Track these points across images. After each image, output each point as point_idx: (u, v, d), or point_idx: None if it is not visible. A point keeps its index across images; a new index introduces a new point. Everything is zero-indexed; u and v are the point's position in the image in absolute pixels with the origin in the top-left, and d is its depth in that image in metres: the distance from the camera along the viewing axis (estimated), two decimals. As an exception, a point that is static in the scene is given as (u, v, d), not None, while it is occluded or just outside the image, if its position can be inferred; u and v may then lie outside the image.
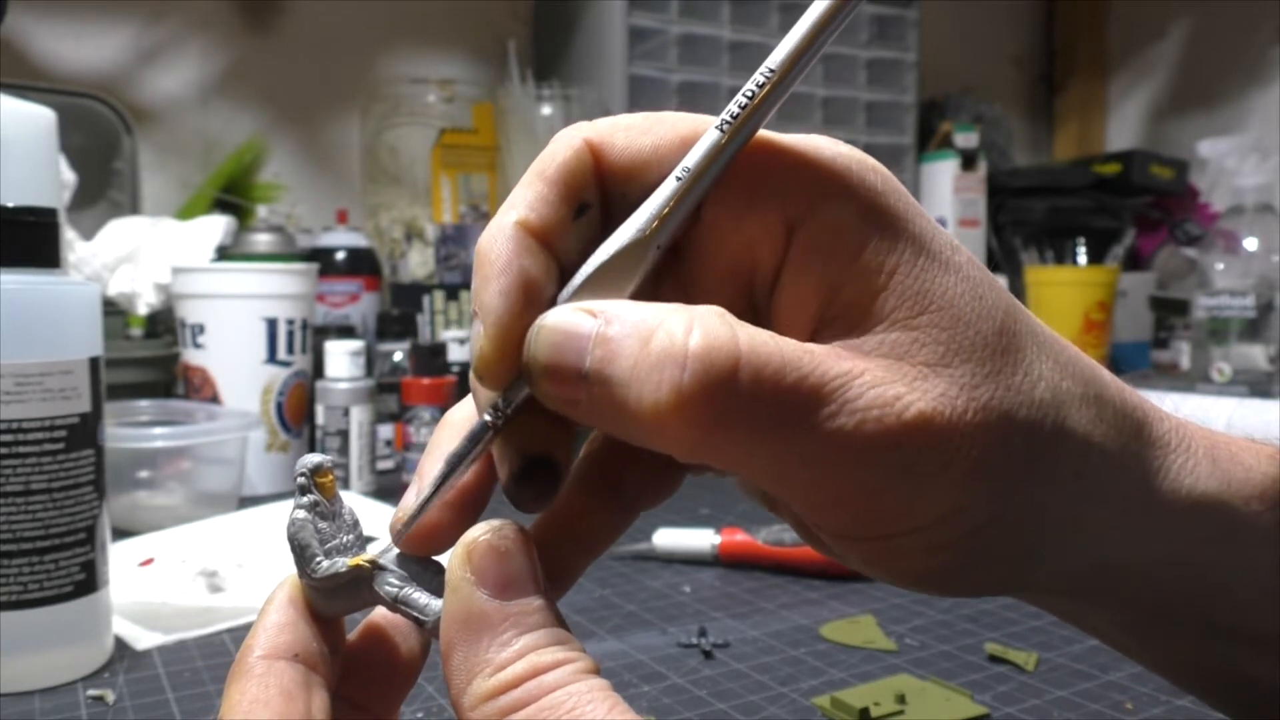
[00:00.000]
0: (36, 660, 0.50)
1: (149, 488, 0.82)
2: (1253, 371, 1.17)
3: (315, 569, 0.23)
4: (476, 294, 0.22)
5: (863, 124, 1.57)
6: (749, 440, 0.20)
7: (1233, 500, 0.25)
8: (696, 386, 0.19)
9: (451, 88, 1.35)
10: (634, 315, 0.20)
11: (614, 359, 0.20)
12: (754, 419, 0.20)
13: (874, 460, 0.21)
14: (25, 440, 0.49)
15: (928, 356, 0.21)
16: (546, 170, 0.22)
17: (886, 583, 0.26)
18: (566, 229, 0.22)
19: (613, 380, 0.20)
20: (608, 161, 0.23)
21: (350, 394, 0.92)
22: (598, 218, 0.23)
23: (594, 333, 0.20)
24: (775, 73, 0.21)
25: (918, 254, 0.22)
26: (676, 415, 0.20)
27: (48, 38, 1.32)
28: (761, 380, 0.20)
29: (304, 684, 0.22)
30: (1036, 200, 1.65)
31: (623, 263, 0.22)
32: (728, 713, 0.48)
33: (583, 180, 0.22)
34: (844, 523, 0.22)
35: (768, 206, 0.22)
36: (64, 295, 0.51)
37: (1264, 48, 1.83)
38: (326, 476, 0.24)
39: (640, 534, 0.76)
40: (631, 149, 0.23)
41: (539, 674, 0.20)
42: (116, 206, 1.29)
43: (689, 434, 0.20)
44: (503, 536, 0.21)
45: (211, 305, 0.93)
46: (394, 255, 1.31)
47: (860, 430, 0.20)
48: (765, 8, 1.46)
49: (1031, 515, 0.23)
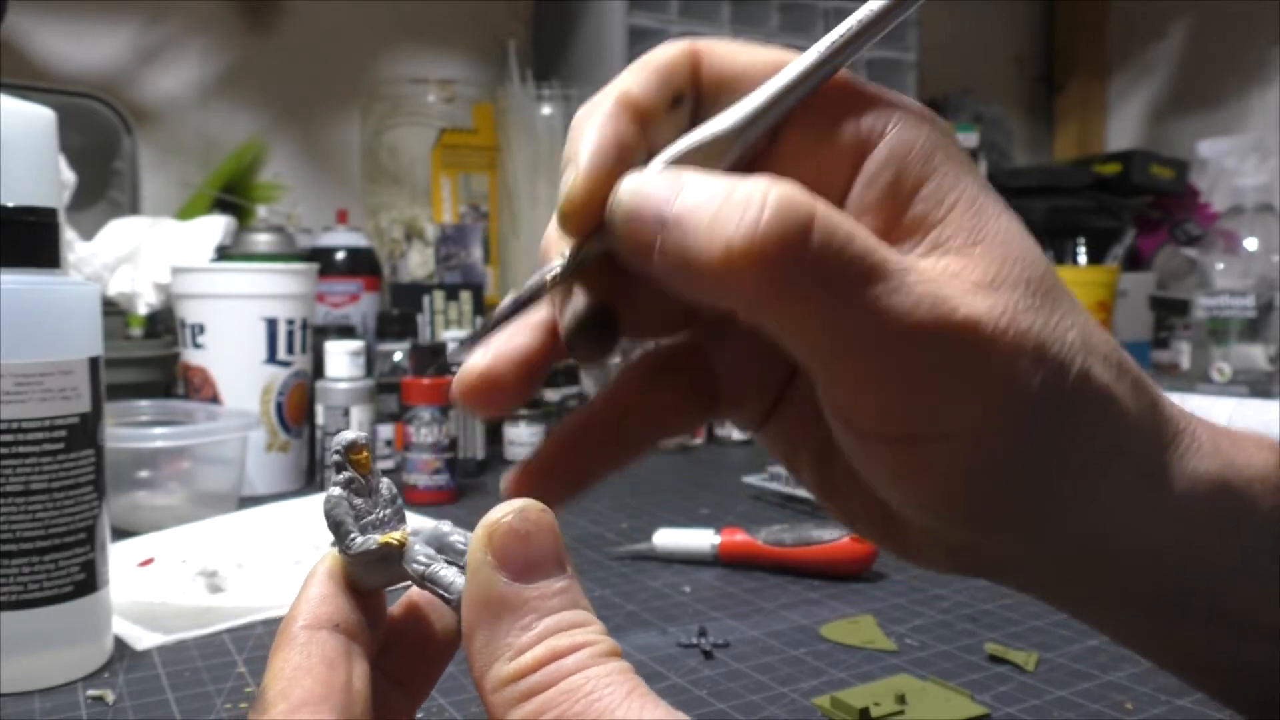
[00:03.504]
0: (36, 660, 0.50)
1: (149, 488, 0.82)
2: (1253, 371, 1.17)
3: (349, 545, 0.24)
4: (570, 147, 0.23)
5: (863, 124, 1.57)
6: (810, 299, 0.21)
7: (1236, 482, 0.26)
8: (772, 232, 0.20)
9: (451, 88, 1.35)
10: (716, 178, 0.22)
11: (695, 209, 0.21)
12: (818, 279, 0.21)
13: (921, 347, 0.21)
14: (25, 440, 0.49)
15: (978, 278, 0.22)
16: (651, 61, 0.24)
17: (896, 536, 0.26)
18: (661, 115, 0.24)
19: (690, 225, 0.21)
20: (706, 67, 0.24)
21: (350, 394, 0.92)
22: (688, 114, 0.24)
23: (680, 185, 0.22)
24: (874, 12, 0.23)
25: (977, 194, 0.24)
26: (747, 260, 0.20)
27: (48, 38, 1.32)
28: (831, 242, 0.20)
29: (345, 653, 0.23)
30: (1036, 200, 1.65)
31: (710, 149, 0.23)
32: (728, 713, 0.48)
33: (683, 75, 0.24)
34: (879, 413, 0.23)
35: (844, 131, 0.23)
36: (64, 295, 0.51)
37: (1264, 48, 1.83)
38: (361, 453, 0.24)
39: (640, 534, 0.76)
40: (730, 60, 0.24)
41: (558, 658, 0.20)
42: (116, 206, 1.29)
43: (754, 283, 0.20)
44: (524, 519, 0.21)
45: (211, 305, 0.93)
46: (394, 255, 1.31)
47: (914, 314, 0.21)
48: (765, 8, 1.46)
49: (1055, 456, 0.23)
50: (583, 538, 0.77)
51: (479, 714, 0.48)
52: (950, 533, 0.25)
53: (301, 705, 0.21)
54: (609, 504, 0.88)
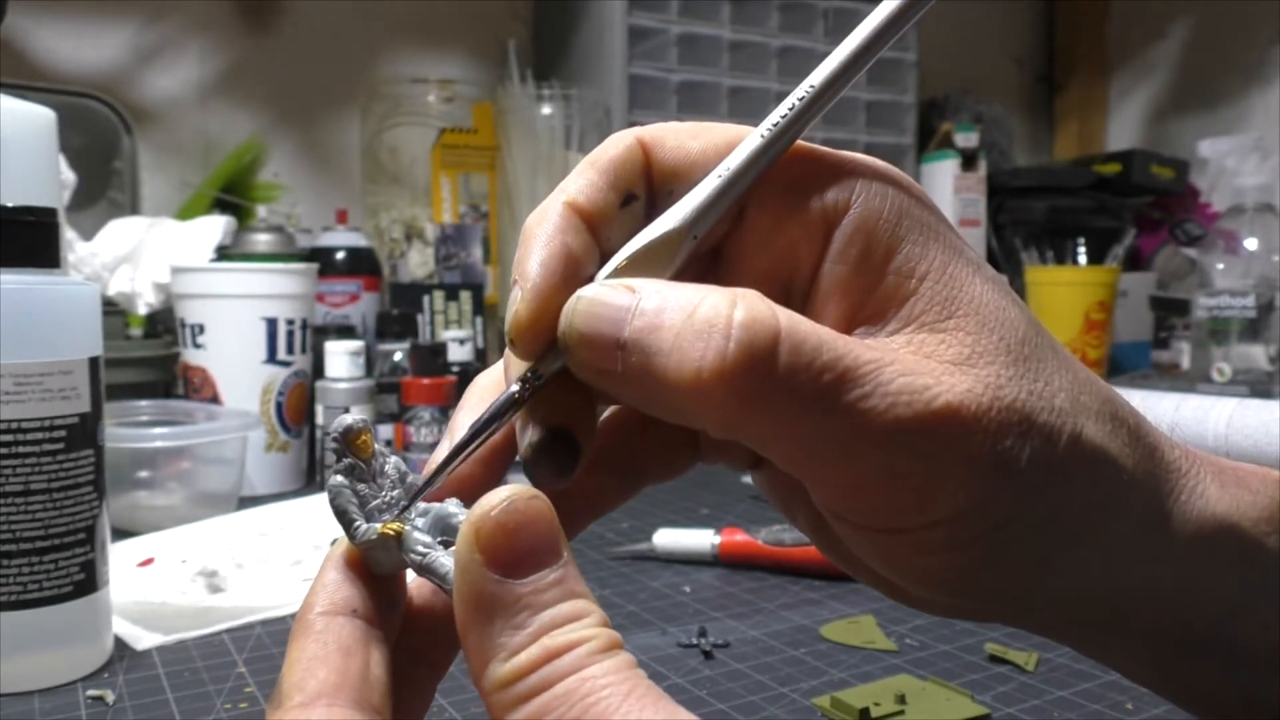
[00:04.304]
0: (36, 660, 0.50)
1: (149, 488, 0.82)
2: (1253, 371, 1.17)
3: (354, 535, 0.23)
4: (518, 263, 0.23)
5: (863, 124, 1.57)
6: (783, 414, 0.21)
7: (1242, 523, 0.25)
8: (741, 355, 0.20)
9: (451, 88, 1.35)
10: (675, 291, 0.21)
11: (655, 329, 0.21)
12: (789, 394, 0.20)
13: (900, 445, 0.21)
14: (25, 440, 0.49)
15: (954, 356, 0.22)
16: (599, 160, 0.24)
17: (898, 590, 0.26)
18: (612, 216, 0.23)
19: (652, 349, 0.20)
20: (656, 159, 0.24)
21: (350, 394, 0.92)
22: (642, 211, 0.24)
23: (634, 304, 0.21)
24: (816, 89, 0.23)
25: (947, 262, 0.23)
26: (718, 384, 0.20)
27: (47, 37, 1.32)
28: (799, 356, 0.20)
29: (362, 640, 0.22)
30: (1037, 200, 1.65)
31: (661, 249, 0.22)
32: (728, 713, 0.48)
33: (632, 172, 0.24)
34: (865, 511, 0.23)
35: (808, 207, 0.23)
36: (63, 295, 0.51)
37: (1264, 47, 1.83)
38: (360, 437, 0.24)
39: (640, 534, 0.76)
40: (680, 149, 0.24)
41: (553, 658, 0.19)
42: (116, 206, 1.29)
43: (727, 405, 0.20)
44: (512, 511, 0.20)
45: (211, 305, 0.93)
46: (394, 255, 1.31)
47: (890, 413, 0.21)
48: (765, 7, 1.46)
49: (1050, 518, 0.23)
50: (583, 538, 0.77)
51: (479, 714, 0.48)
52: (947, 601, 0.25)
53: (317, 697, 0.21)
54: (609, 504, 0.88)
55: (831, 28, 1.49)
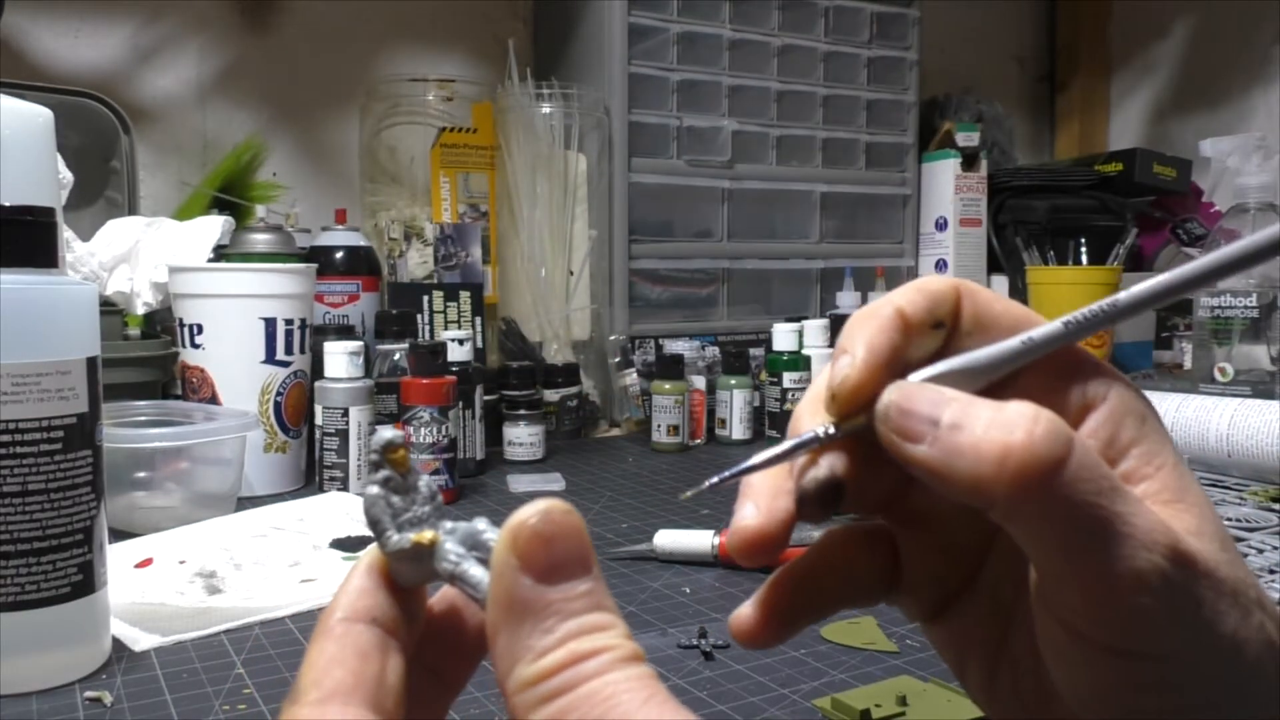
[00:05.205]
0: (34, 661, 0.50)
1: (147, 488, 0.82)
2: (1255, 372, 1.17)
3: (385, 543, 0.24)
4: (848, 338, 0.27)
5: (863, 122, 1.56)
6: (1063, 508, 0.23)
7: None
8: (1043, 447, 0.23)
9: (451, 87, 1.34)
10: (983, 401, 0.25)
11: (970, 416, 0.24)
12: (1072, 491, 0.23)
13: (1154, 562, 0.24)
14: (22, 441, 0.48)
15: (1186, 527, 0.25)
16: (925, 287, 0.28)
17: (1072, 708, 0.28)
18: (923, 334, 0.28)
19: (965, 428, 0.24)
20: (967, 304, 0.29)
21: (349, 394, 0.92)
22: (943, 338, 0.28)
23: (951, 397, 0.25)
24: (1118, 307, 0.27)
25: (1178, 462, 0.27)
26: (1018, 468, 0.23)
27: (45, 37, 1.31)
28: (1086, 462, 0.24)
29: (380, 647, 0.23)
30: (1038, 199, 1.65)
31: (961, 376, 0.27)
32: (728, 714, 0.48)
33: (948, 305, 0.28)
34: (1104, 618, 0.25)
35: (1071, 390, 0.28)
36: (61, 295, 0.51)
37: (1266, 46, 1.83)
38: (398, 452, 0.25)
39: (640, 534, 0.75)
40: (989, 306, 0.29)
41: (579, 662, 0.20)
42: (114, 206, 1.29)
43: (1015, 489, 0.23)
44: (549, 520, 0.21)
45: (210, 305, 0.93)
46: (393, 255, 1.31)
47: (1151, 531, 0.24)
48: (765, 6, 1.45)
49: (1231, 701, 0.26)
50: (583, 538, 0.77)
51: (479, 714, 0.48)
52: None
53: (332, 695, 0.22)
54: (609, 504, 0.87)
55: (832, 27, 1.49)
